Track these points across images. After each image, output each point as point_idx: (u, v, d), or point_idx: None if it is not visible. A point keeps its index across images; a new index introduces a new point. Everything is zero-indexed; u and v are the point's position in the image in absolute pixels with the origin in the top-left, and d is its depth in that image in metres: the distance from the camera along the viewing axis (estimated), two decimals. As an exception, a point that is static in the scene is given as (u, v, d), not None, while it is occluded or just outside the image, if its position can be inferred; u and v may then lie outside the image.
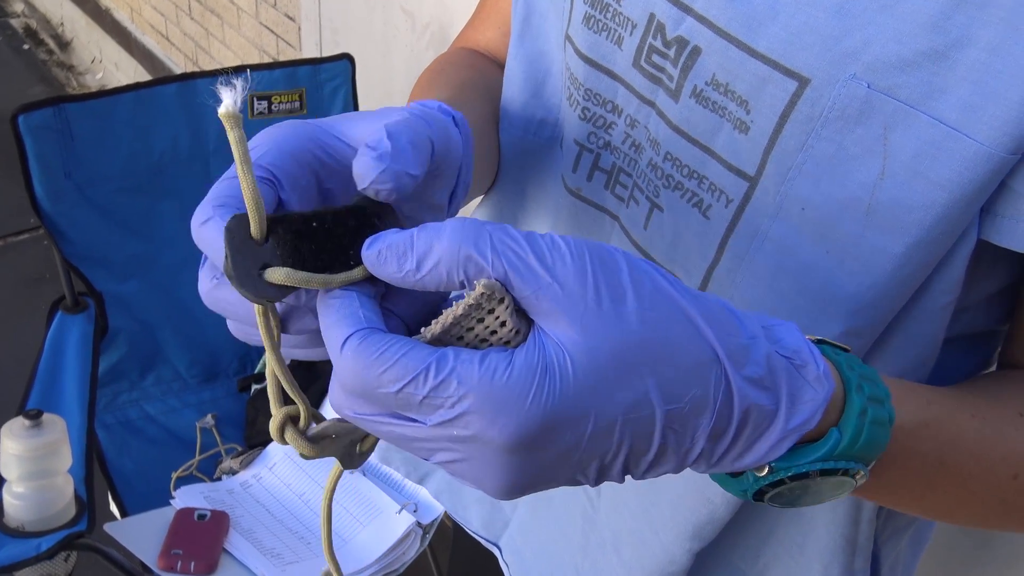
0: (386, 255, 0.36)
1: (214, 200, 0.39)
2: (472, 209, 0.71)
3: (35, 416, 1.22)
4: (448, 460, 0.35)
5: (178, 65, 3.15)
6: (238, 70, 1.61)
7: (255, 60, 2.65)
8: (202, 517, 1.36)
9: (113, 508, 1.52)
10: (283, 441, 0.40)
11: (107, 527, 1.31)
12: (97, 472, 1.41)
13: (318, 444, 0.40)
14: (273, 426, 0.40)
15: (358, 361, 0.34)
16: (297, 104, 1.65)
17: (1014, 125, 0.41)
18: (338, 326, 0.35)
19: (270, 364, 0.40)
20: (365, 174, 0.38)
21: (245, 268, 0.36)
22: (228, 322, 0.41)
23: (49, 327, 1.50)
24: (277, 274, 0.36)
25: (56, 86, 3.62)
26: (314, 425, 0.41)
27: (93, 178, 1.53)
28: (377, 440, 0.42)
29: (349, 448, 0.42)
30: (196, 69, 2.94)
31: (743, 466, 0.39)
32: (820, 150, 0.46)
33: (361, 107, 1.74)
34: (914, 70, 0.43)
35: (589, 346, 0.33)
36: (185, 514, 1.36)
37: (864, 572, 0.59)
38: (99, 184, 1.54)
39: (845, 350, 0.42)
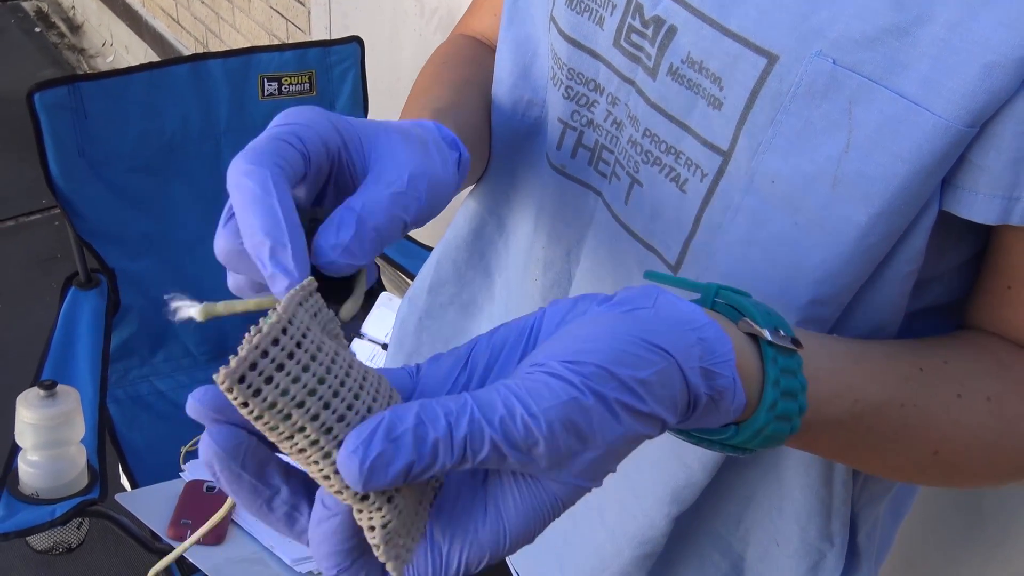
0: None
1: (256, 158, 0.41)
2: (465, 193, 0.74)
3: (49, 387, 1.25)
4: None
5: (188, 48, 3.18)
6: (250, 51, 1.64)
7: (265, 43, 2.67)
8: (211, 489, 1.39)
9: (124, 481, 1.56)
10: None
11: (118, 497, 1.34)
12: (108, 446, 1.44)
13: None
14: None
15: None
16: (307, 86, 1.68)
17: (971, 99, 0.43)
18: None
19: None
20: (319, 255, 0.42)
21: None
22: (229, 276, 0.45)
23: (62, 303, 1.54)
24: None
25: (67, 69, 3.65)
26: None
27: (106, 156, 1.56)
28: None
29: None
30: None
31: None
32: (788, 125, 0.48)
33: (370, 90, 1.76)
34: (877, 46, 0.45)
35: (564, 484, 0.38)
36: (194, 486, 1.39)
37: (842, 535, 0.62)
38: (112, 162, 1.57)
39: (793, 351, 0.44)
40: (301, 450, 0.34)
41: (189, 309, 0.39)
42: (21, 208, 2.85)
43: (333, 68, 1.70)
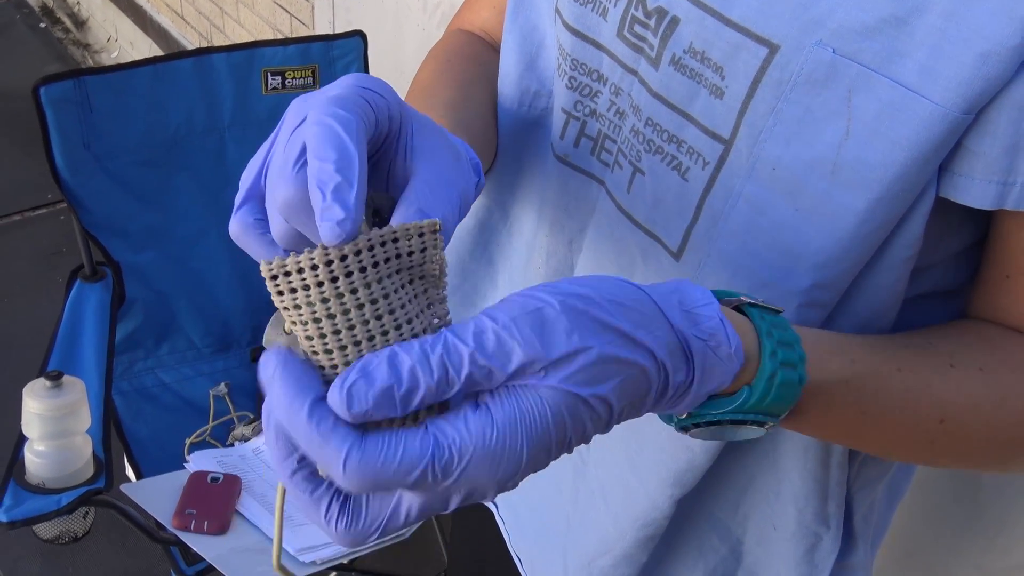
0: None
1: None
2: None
3: (56, 377, 1.26)
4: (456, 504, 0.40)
5: (192, 43, 3.19)
6: (253, 45, 1.65)
7: (268, 38, 2.68)
8: (215, 480, 1.40)
9: (129, 472, 1.57)
10: None
11: (123, 487, 1.35)
12: (114, 436, 1.45)
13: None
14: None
15: (367, 472, 0.37)
16: (310, 80, 1.68)
17: (967, 86, 0.44)
18: (332, 440, 0.37)
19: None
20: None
21: None
22: (274, 225, 0.43)
23: (68, 296, 1.54)
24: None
25: (72, 65, 3.65)
26: None
27: (111, 150, 1.57)
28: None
29: None
30: (211, 47, 2.97)
31: (665, 414, 0.45)
32: (789, 113, 0.49)
33: (372, 84, 1.76)
34: (876, 36, 0.46)
35: (552, 388, 0.38)
36: (199, 476, 1.40)
37: (837, 517, 0.63)
38: (117, 156, 1.58)
39: (776, 311, 0.46)
40: (308, 337, 0.38)
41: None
42: (27, 203, 2.86)
43: (336, 62, 1.71)
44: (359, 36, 1.70)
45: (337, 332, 0.38)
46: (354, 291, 0.38)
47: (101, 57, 3.75)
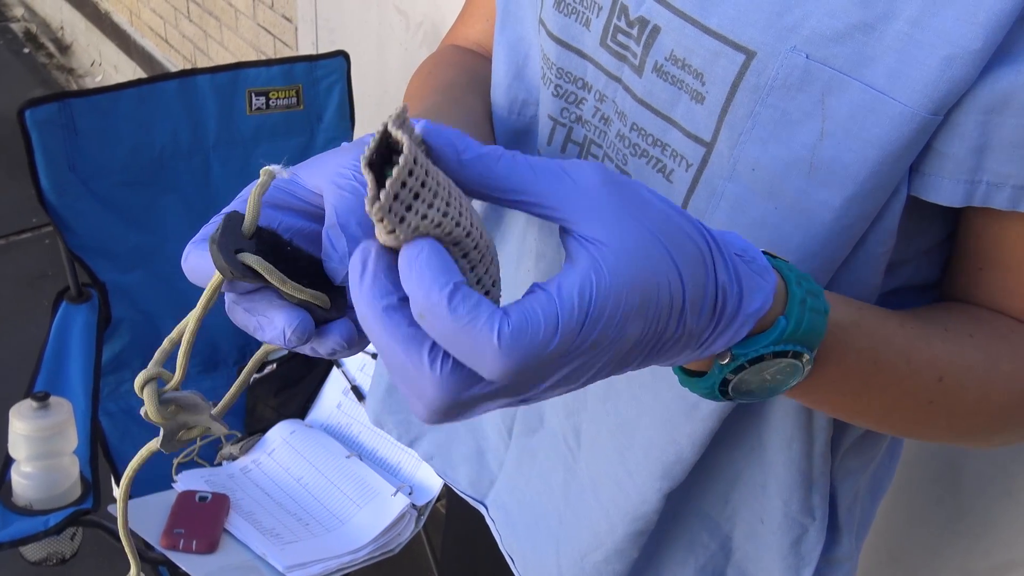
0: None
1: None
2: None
3: (42, 398, 1.26)
4: None
5: (176, 66, 3.20)
6: (237, 66, 1.66)
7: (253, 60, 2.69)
8: (203, 499, 1.40)
9: (117, 493, 1.56)
10: (141, 393, 0.46)
11: (111, 509, 1.35)
12: (101, 458, 1.45)
13: (165, 410, 0.47)
14: (140, 378, 0.46)
15: (523, 338, 0.35)
16: (294, 100, 1.69)
17: (933, 88, 0.46)
18: (481, 313, 0.35)
19: (189, 325, 0.46)
20: (337, 278, 0.44)
21: (226, 243, 0.42)
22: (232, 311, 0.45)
23: (54, 317, 1.54)
24: (249, 258, 0.42)
25: (56, 89, 3.66)
26: (173, 393, 0.47)
27: (97, 171, 1.57)
28: (200, 433, 0.49)
29: (175, 429, 0.48)
30: (194, 70, 2.98)
31: (713, 351, 0.44)
32: (766, 116, 0.51)
33: (356, 102, 1.78)
34: (847, 41, 0.48)
35: (631, 238, 0.39)
36: (187, 496, 1.40)
37: (822, 509, 0.64)
38: (102, 177, 1.58)
39: (783, 259, 0.48)
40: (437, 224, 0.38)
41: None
42: (11, 227, 2.85)
43: (319, 82, 1.72)
44: (342, 56, 1.72)
45: (446, 214, 0.38)
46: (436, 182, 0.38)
47: (85, 81, 3.76)
